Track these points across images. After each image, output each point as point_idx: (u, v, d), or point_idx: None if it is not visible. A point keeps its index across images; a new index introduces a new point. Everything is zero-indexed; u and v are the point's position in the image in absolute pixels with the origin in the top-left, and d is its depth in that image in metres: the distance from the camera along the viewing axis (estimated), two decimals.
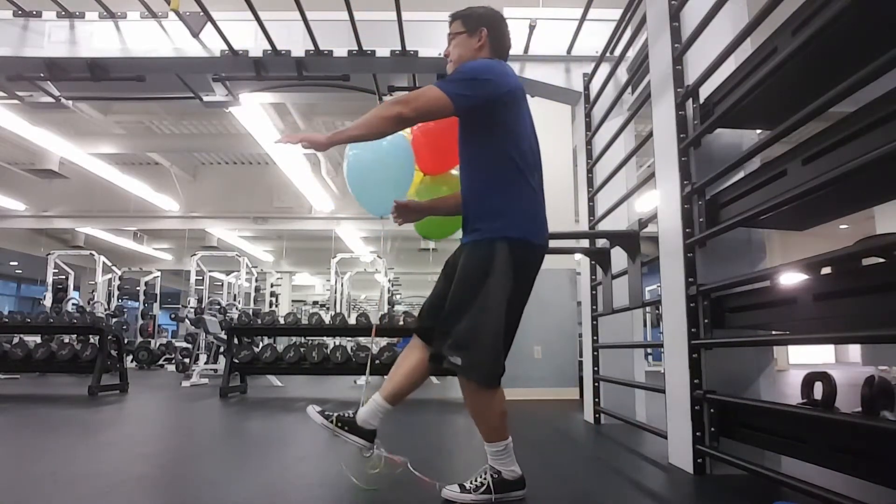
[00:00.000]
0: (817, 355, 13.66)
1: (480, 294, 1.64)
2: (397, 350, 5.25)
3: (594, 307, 3.48)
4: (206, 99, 4.17)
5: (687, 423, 2.07)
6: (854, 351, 13.13)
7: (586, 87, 3.65)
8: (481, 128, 1.74)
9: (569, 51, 3.64)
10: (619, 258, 3.12)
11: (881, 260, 1.42)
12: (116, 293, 10.89)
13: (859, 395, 1.43)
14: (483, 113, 1.72)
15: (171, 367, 9.29)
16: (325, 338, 6.79)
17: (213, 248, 12.01)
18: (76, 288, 10.77)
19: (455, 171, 2.68)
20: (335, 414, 1.78)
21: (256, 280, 11.45)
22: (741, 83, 1.88)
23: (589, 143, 3.57)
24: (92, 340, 5.81)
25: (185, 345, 9.80)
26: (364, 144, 2.55)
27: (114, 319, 9.53)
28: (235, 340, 5.29)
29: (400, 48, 3.60)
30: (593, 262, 3.45)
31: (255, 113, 6.66)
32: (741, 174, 2.03)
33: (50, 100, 4.07)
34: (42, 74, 3.81)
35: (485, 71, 1.72)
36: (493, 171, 1.72)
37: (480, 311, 1.63)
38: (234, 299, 10.30)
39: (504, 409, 1.70)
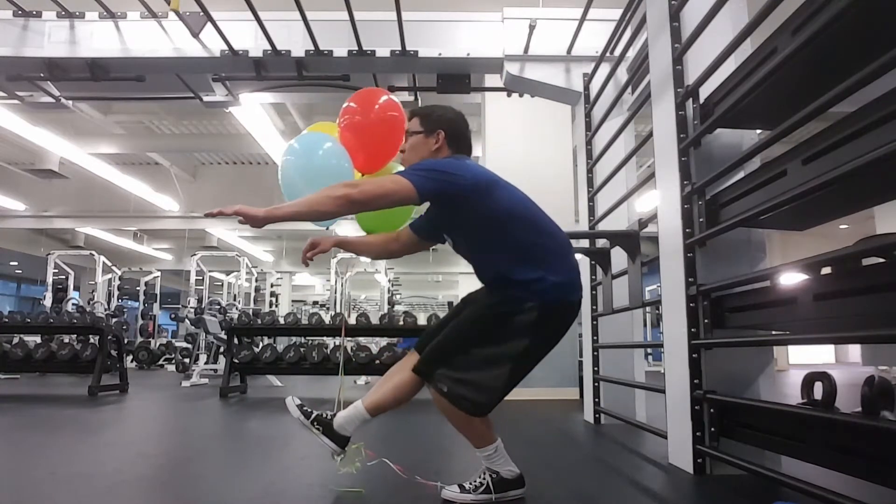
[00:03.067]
0: (817, 355, 13.64)
1: (494, 340, 1.62)
2: (397, 350, 5.25)
3: (594, 307, 3.48)
4: (206, 99, 4.17)
5: (687, 423, 2.07)
6: (854, 351, 13.12)
7: (586, 87, 3.65)
8: (473, 220, 1.68)
9: (569, 51, 3.64)
10: (619, 258, 3.12)
11: (881, 260, 1.42)
12: (116, 293, 10.89)
13: (859, 395, 1.43)
14: (459, 203, 1.66)
15: (171, 367, 9.29)
16: (325, 338, 6.79)
17: (213, 248, 12.01)
18: (76, 288, 10.77)
19: (392, 164, 2.73)
20: (315, 413, 1.76)
21: (256, 280, 11.45)
22: (741, 83, 1.88)
23: (589, 143, 3.57)
24: (92, 340, 5.80)
25: (185, 345, 9.80)
26: (297, 152, 2.59)
27: (114, 319, 9.52)
28: (235, 340, 5.29)
29: (400, 48, 3.60)
30: (593, 262, 3.45)
31: (255, 113, 6.66)
32: (741, 174, 2.03)
33: (50, 100, 4.07)
34: (42, 74, 3.81)
35: (444, 165, 1.68)
36: (513, 253, 1.66)
37: (488, 356, 1.61)
38: (234, 299, 10.30)
39: (484, 418, 1.68)
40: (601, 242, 3.31)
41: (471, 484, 1.69)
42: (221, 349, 7.26)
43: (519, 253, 1.66)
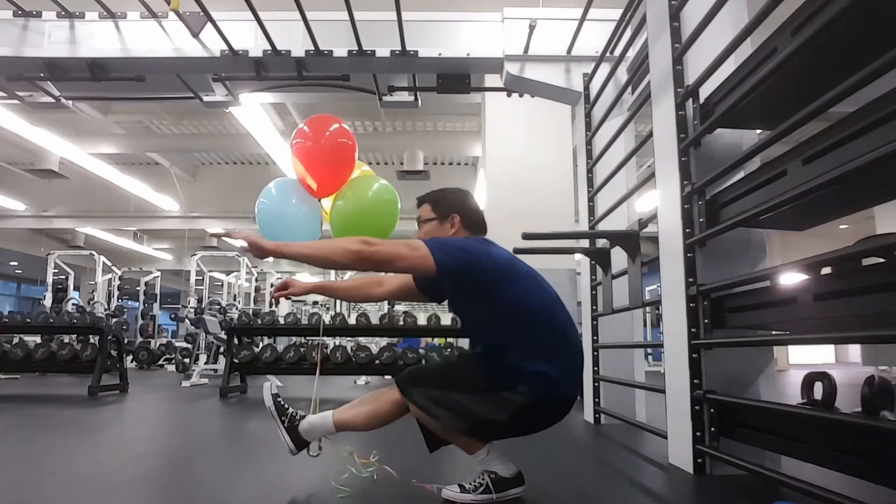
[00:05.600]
0: (817, 355, 13.64)
1: (477, 395, 1.62)
2: (397, 350, 5.25)
3: (594, 307, 3.48)
4: (206, 99, 4.17)
5: (687, 423, 2.07)
6: (854, 351, 13.12)
7: (586, 87, 3.65)
8: (488, 307, 1.67)
9: (569, 51, 3.64)
10: (619, 258, 3.12)
11: (881, 260, 1.42)
12: (116, 293, 10.89)
13: (859, 395, 1.43)
14: (477, 289, 1.66)
15: (171, 367, 9.29)
16: (325, 338, 6.79)
17: (213, 248, 12.01)
18: (76, 288, 10.77)
19: (356, 175, 2.79)
20: (290, 411, 1.78)
21: (256, 280, 11.45)
22: (741, 83, 1.88)
23: (589, 143, 3.57)
24: (92, 340, 5.80)
25: (185, 345, 9.80)
26: (271, 197, 2.76)
27: (114, 319, 9.51)
28: (235, 340, 5.29)
29: (400, 48, 3.60)
30: (593, 262, 3.45)
31: (255, 113, 6.67)
32: (741, 174, 2.03)
33: (50, 100, 4.07)
34: (42, 74, 3.81)
35: (470, 246, 1.66)
36: (520, 344, 1.65)
37: (467, 403, 1.61)
38: (234, 299, 10.30)
39: None
40: (601, 242, 3.31)
41: (471, 484, 1.68)
42: (221, 349, 7.26)
43: (526, 345, 1.65)
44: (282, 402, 1.80)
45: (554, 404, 1.66)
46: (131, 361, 9.79)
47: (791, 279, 1.68)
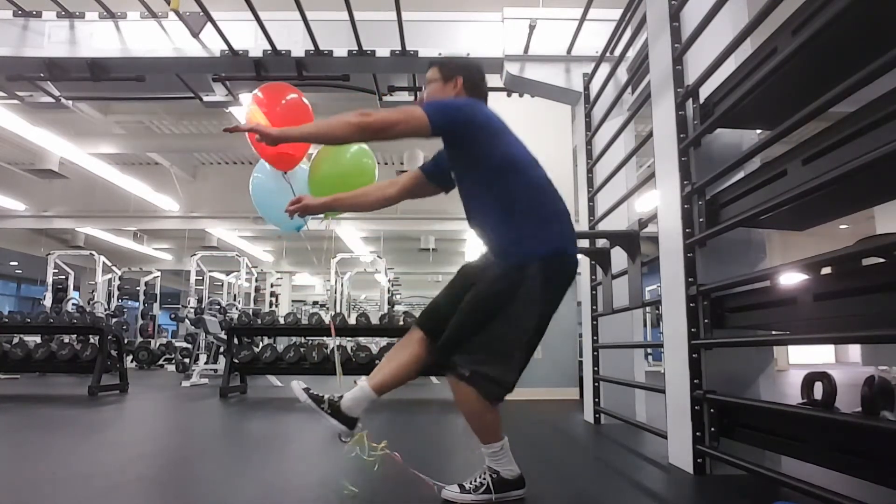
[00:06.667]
0: (817, 355, 13.63)
1: (506, 316, 1.62)
2: None
3: (594, 307, 3.48)
4: (206, 99, 4.17)
5: (687, 423, 2.07)
6: (854, 351, 13.11)
7: (586, 87, 3.65)
8: (483, 161, 1.72)
9: (569, 51, 3.64)
10: (619, 258, 3.12)
11: (881, 260, 1.42)
12: (116, 293, 10.89)
13: (859, 395, 1.43)
14: (470, 142, 1.71)
15: (171, 367, 9.29)
16: (325, 338, 6.79)
17: (213, 248, 12.00)
18: (76, 288, 10.77)
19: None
20: (326, 397, 1.76)
21: (256, 280, 11.45)
22: (741, 83, 1.88)
23: (589, 143, 3.57)
24: (92, 340, 5.80)
25: (185, 345, 9.79)
26: (264, 170, 2.82)
27: (114, 319, 9.51)
28: (235, 340, 5.29)
29: (400, 48, 3.60)
30: (593, 262, 3.45)
31: None
32: (741, 174, 2.03)
33: (50, 100, 4.07)
34: (42, 74, 3.81)
35: (460, 102, 1.77)
36: (513, 201, 1.69)
37: (504, 332, 1.62)
38: (234, 299, 10.30)
39: (497, 412, 1.68)
40: (601, 242, 3.31)
41: (471, 484, 1.68)
42: (221, 349, 7.26)
43: (522, 203, 1.69)
44: (315, 393, 1.78)
45: (561, 264, 1.69)
46: (131, 361, 9.79)
47: (791, 279, 1.68)
